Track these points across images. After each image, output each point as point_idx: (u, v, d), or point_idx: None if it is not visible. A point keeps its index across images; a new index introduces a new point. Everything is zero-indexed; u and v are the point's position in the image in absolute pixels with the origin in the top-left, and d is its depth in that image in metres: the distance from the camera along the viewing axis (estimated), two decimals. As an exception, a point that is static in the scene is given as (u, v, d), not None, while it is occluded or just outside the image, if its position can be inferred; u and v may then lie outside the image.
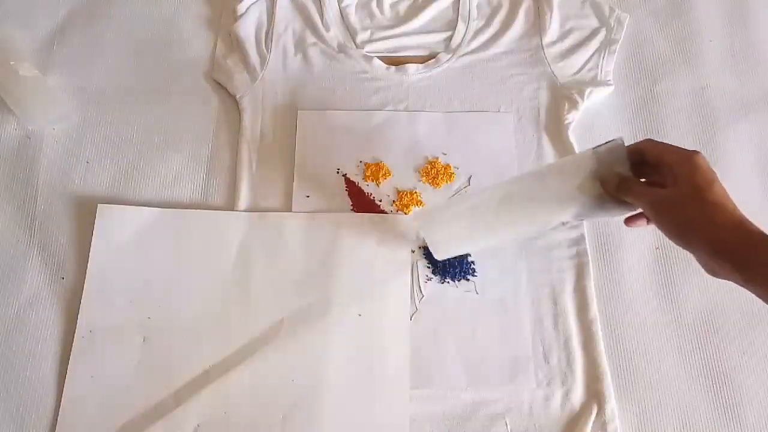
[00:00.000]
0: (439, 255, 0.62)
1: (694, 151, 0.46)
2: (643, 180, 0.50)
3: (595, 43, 0.76)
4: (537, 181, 0.54)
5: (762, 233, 0.43)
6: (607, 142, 0.49)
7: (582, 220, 0.52)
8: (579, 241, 0.67)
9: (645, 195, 0.48)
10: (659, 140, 0.49)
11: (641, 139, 0.50)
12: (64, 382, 0.60)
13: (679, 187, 0.45)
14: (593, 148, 0.50)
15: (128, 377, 0.60)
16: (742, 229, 0.43)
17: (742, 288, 0.67)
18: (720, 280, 0.66)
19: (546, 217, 0.54)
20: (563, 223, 0.54)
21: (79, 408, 0.59)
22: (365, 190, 0.69)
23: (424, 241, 0.67)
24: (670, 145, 0.48)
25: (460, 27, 0.78)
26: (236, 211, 0.68)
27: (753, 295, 0.67)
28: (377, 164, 0.70)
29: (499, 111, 0.73)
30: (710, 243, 0.43)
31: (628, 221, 0.53)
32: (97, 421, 0.59)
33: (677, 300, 0.66)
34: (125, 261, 0.65)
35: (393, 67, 0.75)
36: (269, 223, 0.67)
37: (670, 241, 0.68)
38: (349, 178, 0.70)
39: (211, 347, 0.61)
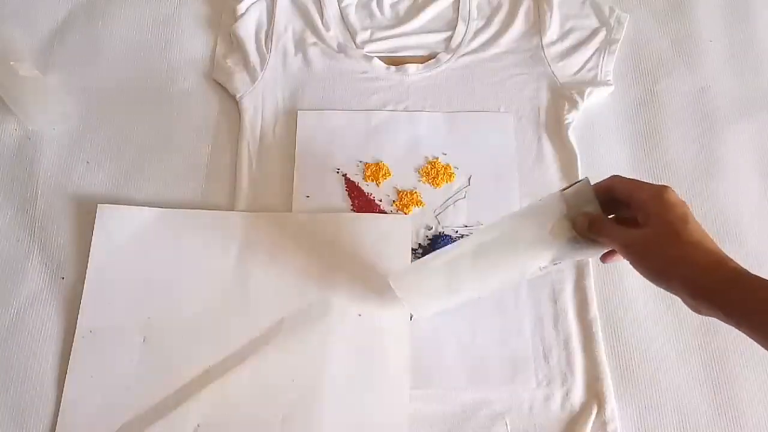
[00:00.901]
0: (419, 313, 0.61)
1: (664, 187, 0.45)
2: (613, 216, 0.49)
3: (595, 43, 0.76)
4: (509, 228, 0.53)
5: (741, 270, 0.41)
6: (573, 184, 0.49)
7: (559, 262, 0.52)
8: (579, 241, 0.67)
9: (617, 236, 0.46)
10: (628, 176, 0.48)
11: (609, 176, 0.49)
12: (64, 382, 0.60)
13: (652, 227, 0.44)
14: (561, 191, 0.50)
15: (128, 377, 0.60)
16: (721, 268, 0.42)
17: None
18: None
19: (522, 264, 0.53)
20: (541, 269, 0.53)
21: (79, 408, 0.59)
22: (365, 190, 0.69)
23: (425, 240, 0.67)
24: (639, 181, 0.47)
25: (460, 27, 0.78)
26: (236, 211, 0.68)
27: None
28: (377, 164, 0.70)
29: (499, 111, 0.73)
30: (689, 285, 0.42)
31: (605, 257, 0.52)
32: (97, 421, 0.59)
33: (677, 300, 0.65)
34: (125, 261, 0.65)
35: (393, 67, 0.75)
36: (269, 223, 0.67)
37: None
38: (349, 178, 0.70)
39: (211, 347, 0.61)
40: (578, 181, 0.49)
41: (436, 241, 0.66)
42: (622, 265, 0.66)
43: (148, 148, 0.72)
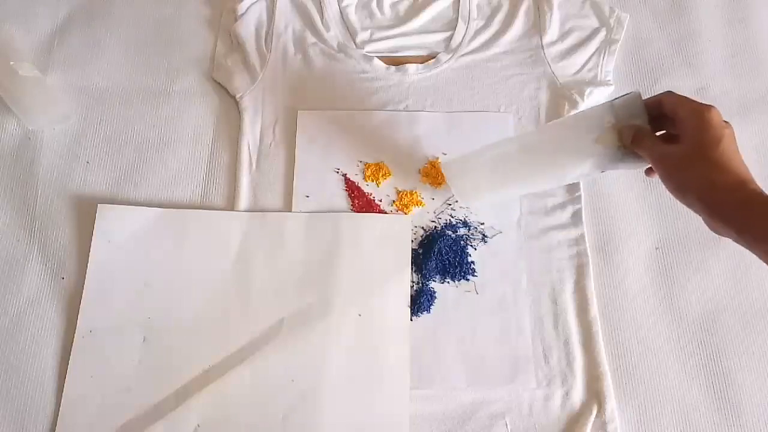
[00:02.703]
0: (463, 201, 0.67)
1: (708, 106, 0.45)
2: (662, 132, 0.50)
3: (595, 43, 0.76)
4: (556, 132, 0.55)
5: (760, 192, 0.42)
6: (624, 95, 0.49)
7: (602, 171, 0.53)
8: (579, 241, 0.67)
9: (653, 149, 0.47)
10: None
11: (662, 91, 0.49)
12: (64, 382, 0.60)
13: (685, 144, 0.45)
14: (611, 101, 0.50)
15: (128, 377, 0.60)
16: (740, 189, 0.43)
17: (742, 288, 0.67)
18: (719, 280, 0.67)
19: (564, 168, 0.55)
20: (584, 175, 0.54)
21: (79, 408, 0.59)
22: (365, 190, 0.69)
23: (419, 244, 0.67)
24: (687, 98, 0.47)
25: (460, 27, 0.78)
26: (236, 211, 0.68)
27: (753, 295, 0.68)
28: (377, 164, 0.70)
29: (499, 111, 0.73)
30: (706, 203, 0.43)
31: (649, 172, 0.53)
32: (97, 421, 0.59)
33: (677, 300, 0.66)
34: (125, 261, 0.65)
35: (393, 67, 0.75)
36: (269, 223, 0.67)
37: (671, 242, 0.68)
38: (349, 178, 0.70)
39: (211, 347, 0.61)
40: (629, 93, 0.49)
41: (435, 240, 0.66)
42: (622, 265, 0.67)
43: (147, 148, 0.72)
